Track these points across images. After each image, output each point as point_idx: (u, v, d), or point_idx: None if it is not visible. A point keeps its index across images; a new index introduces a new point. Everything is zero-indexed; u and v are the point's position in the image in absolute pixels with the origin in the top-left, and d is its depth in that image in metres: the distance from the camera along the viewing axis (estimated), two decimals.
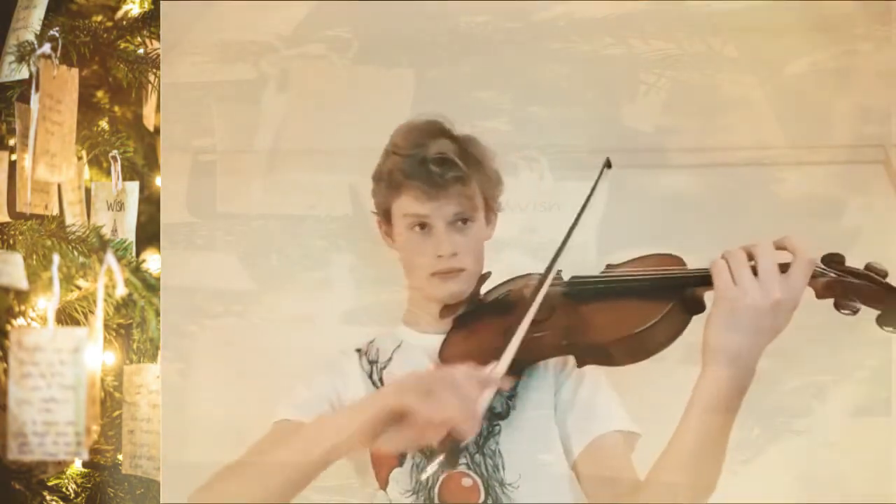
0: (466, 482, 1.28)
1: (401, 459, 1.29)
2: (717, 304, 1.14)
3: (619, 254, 1.34)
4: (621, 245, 1.38)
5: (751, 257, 1.14)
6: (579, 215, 1.32)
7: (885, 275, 1.17)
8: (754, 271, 1.13)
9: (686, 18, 1.65)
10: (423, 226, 1.38)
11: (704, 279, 1.18)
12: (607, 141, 1.63)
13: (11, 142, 1.46)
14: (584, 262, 1.51)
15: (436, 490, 1.28)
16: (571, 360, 1.33)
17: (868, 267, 1.18)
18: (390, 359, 1.40)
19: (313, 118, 1.71)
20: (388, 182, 1.40)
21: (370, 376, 1.38)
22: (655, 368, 1.30)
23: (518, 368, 1.29)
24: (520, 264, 1.49)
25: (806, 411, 1.60)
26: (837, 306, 1.18)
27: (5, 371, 1.05)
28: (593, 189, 1.34)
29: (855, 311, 1.17)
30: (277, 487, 1.14)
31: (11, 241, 1.35)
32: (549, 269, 1.29)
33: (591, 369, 1.32)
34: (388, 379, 1.36)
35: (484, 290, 1.44)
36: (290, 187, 1.69)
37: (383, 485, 1.30)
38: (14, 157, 1.46)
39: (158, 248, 1.63)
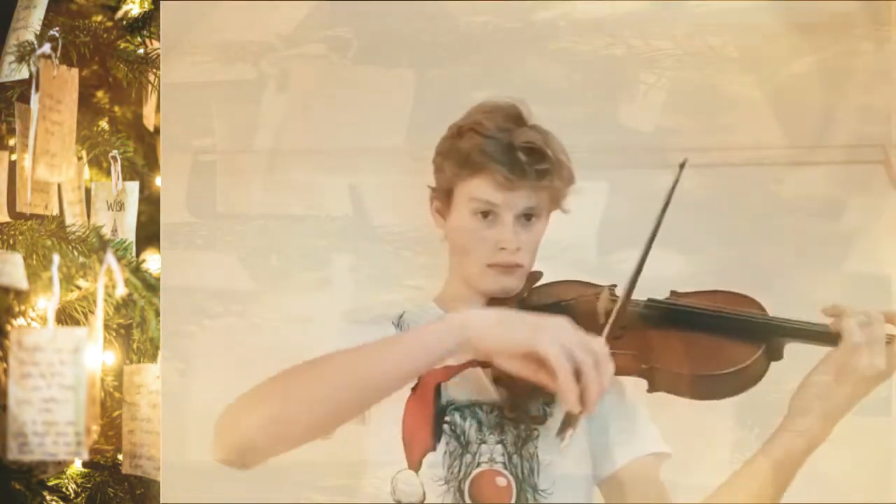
0: (501, 482, 1.25)
1: (435, 443, 1.25)
2: (840, 350, 1.16)
3: (620, 254, 1.34)
4: (621, 245, 1.38)
5: (866, 322, 1.16)
6: (659, 221, 1.26)
7: None
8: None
9: (686, 18, 1.65)
10: (486, 213, 1.30)
11: (793, 329, 1.20)
12: (607, 141, 1.63)
13: (11, 142, 1.46)
14: (584, 261, 1.51)
15: (467, 483, 1.24)
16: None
17: None
18: None
19: (313, 118, 1.71)
20: (464, 161, 1.30)
21: None
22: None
23: None
24: None
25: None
26: None
27: (5, 371, 1.05)
28: (672, 190, 1.28)
29: None
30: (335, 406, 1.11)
31: (11, 241, 1.35)
32: (630, 288, 1.23)
33: (631, 389, 1.30)
34: None
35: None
36: (290, 187, 1.69)
37: (415, 466, 1.24)
38: (14, 157, 1.46)
39: (158, 248, 1.63)
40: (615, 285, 1.31)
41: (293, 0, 1.70)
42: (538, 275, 1.37)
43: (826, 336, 1.21)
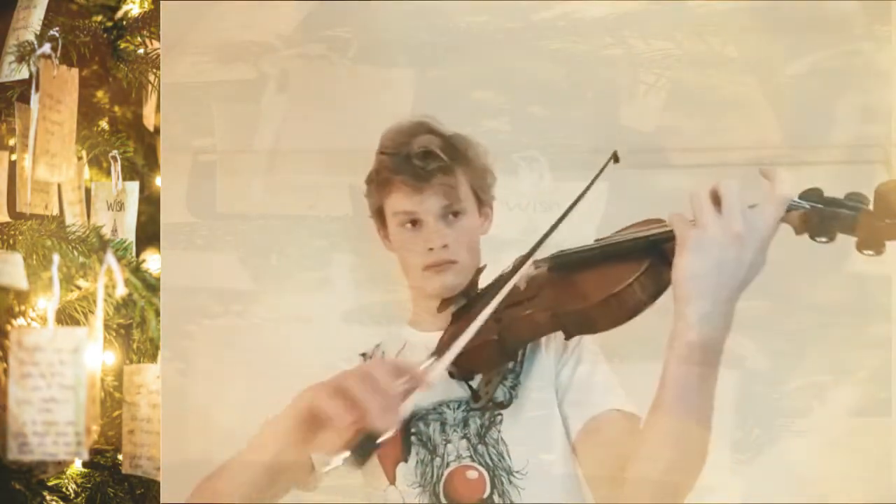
0: (471, 475, 1.28)
1: (405, 454, 1.30)
2: (679, 249, 1.08)
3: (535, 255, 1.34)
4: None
5: (717, 197, 1.09)
6: (573, 205, 1.30)
7: (866, 202, 1.13)
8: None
9: (686, 18, 1.65)
10: (414, 223, 1.39)
11: (660, 237, 1.17)
12: (607, 141, 1.63)
13: (11, 142, 1.46)
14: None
15: (441, 485, 1.28)
16: (572, 343, 1.34)
17: (848, 196, 1.14)
18: None
19: (313, 118, 1.71)
20: (378, 182, 1.42)
21: None
22: (656, 368, 1.30)
23: (512, 351, 1.30)
24: None
25: (806, 411, 1.60)
26: (813, 236, 1.13)
27: (5, 371, 1.05)
28: (594, 180, 1.31)
29: (831, 239, 1.12)
30: (253, 486, 1.14)
31: (11, 241, 1.35)
32: (528, 254, 1.29)
33: (589, 352, 1.33)
34: None
35: (483, 283, 1.42)
36: (290, 187, 1.69)
37: (392, 480, 1.31)
38: (14, 157, 1.46)
39: (158, 248, 1.63)
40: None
41: (293, 0, 1.71)
42: (483, 268, 1.42)
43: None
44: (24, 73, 1.33)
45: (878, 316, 1.58)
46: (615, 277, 1.19)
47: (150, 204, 1.67)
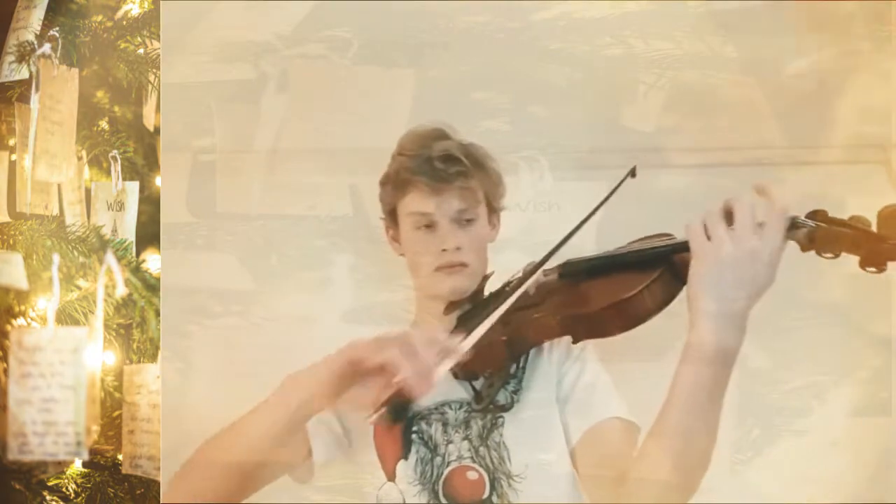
0: (472, 475, 1.30)
1: (405, 452, 1.31)
2: (695, 262, 1.15)
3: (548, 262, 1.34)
4: (621, 245, 1.38)
5: (729, 213, 1.16)
6: (588, 218, 1.32)
7: (868, 224, 1.19)
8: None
9: (686, 18, 1.65)
10: (428, 225, 1.41)
11: (673, 248, 1.22)
12: (607, 141, 1.63)
13: (11, 142, 1.46)
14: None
15: (440, 483, 1.30)
16: (576, 350, 1.36)
17: (851, 219, 1.20)
18: None
19: (313, 118, 1.71)
20: (395, 182, 1.43)
21: None
22: (653, 368, 1.31)
23: (517, 352, 1.32)
24: (519, 264, 1.49)
25: (806, 411, 1.60)
26: (819, 252, 1.19)
27: (5, 371, 1.05)
28: (610, 195, 1.34)
29: (836, 255, 1.18)
30: (255, 447, 1.20)
31: (11, 241, 1.35)
32: (542, 261, 1.32)
33: (591, 361, 1.35)
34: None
35: (487, 291, 1.44)
36: (290, 187, 1.69)
37: (391, 476, 1.32)
38: (14, 157, 1.46)
39: (158, 248, 1.64)
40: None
41: (293, 0, 1.71)
42: (490, 275, 1.45)
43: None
44: (24, 73, 1.33)
45: (878, 316, 1.58)
46: (625, 285, 1.22)
47: (150, 204, 1.67)
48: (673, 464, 1.15)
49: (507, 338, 1.30)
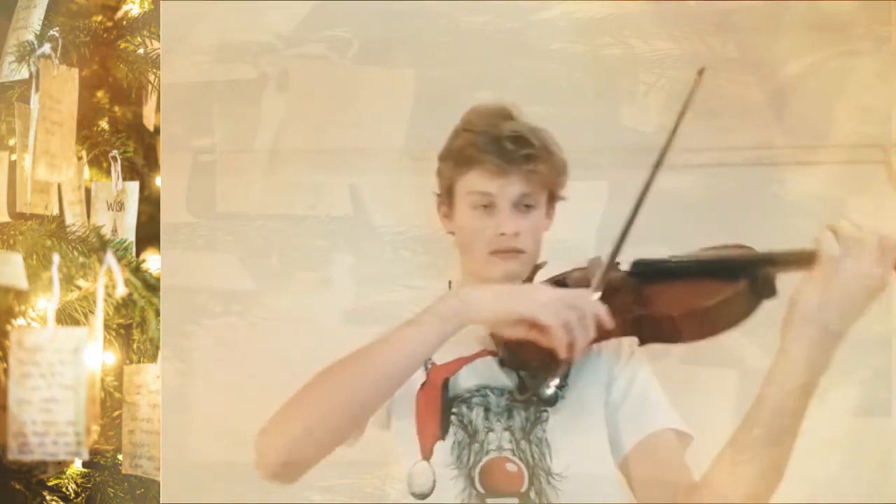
0: (511, 468, 1.27)
1: (443, 432, 1.29)
2: (819, 268, 1.12)
3: (620, 254, 1.33)
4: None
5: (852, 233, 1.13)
6: (644, 194, 1.31)
7: None
8: None
9: (686, 18, 1.65)
10: (486, 206, 1.35)
11: (776, 260, 1.19)
12: (607, 141, 1.63)
13: (11, 142, 1.46)
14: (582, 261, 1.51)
15: (477, 471, 1.27)
16: (626, 355, 1.33)
17: None
18: None
19: (313, 118, 1.71)
20: (458, 158, 1.37)
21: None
22: (655, 368, 1.31)
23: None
24: None
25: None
26: None
27: (5, 371, 1.05)
28: (685, 105, 1.35)
29: None
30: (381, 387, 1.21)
31: (11, 241, 1.35)
32: (615, 251, 1.29)
33: (644, 368, 1.32)
34: (438, 361, 1.33)
35: (538, 280, 1.39)
36: (290, 187, 1.69)
37: (427, 455, 1.29)
38: (14, 157, 1.46)
39: (158, 248, 1.64)
40: (618, 262, 1.33)
41: (293, 0, 1.71)
42: (542, 265, 1.39)
43: (809, 256, 1.17)
44: (24, 73, 1.33)
45: (878, 316, 1.58)
46: (705, 293, 1.19)
47: (150, 204, 1.67)
48: (752, 477, 1.17)
49: None
